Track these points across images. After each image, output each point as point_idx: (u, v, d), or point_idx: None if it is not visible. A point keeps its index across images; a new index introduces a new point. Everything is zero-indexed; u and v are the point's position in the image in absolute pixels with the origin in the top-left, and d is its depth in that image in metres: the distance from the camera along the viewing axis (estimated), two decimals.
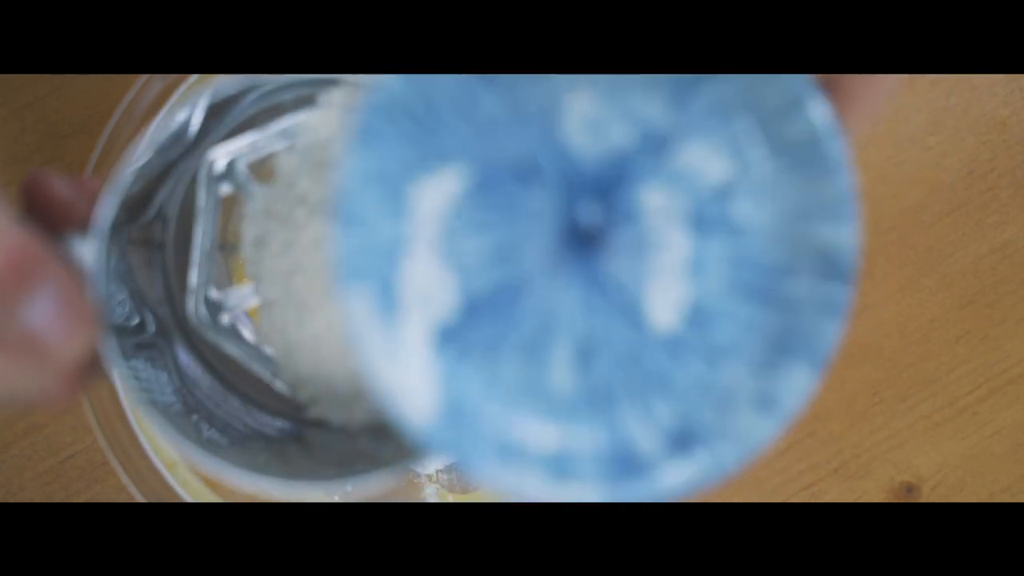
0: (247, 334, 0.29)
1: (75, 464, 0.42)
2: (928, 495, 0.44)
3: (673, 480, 0.21)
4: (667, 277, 0.21)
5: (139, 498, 0.36)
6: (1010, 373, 0.44)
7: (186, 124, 0.26)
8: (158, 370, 0.27)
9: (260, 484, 0.24)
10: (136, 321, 0.27)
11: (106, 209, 0.23)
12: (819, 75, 0.22)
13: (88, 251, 0.23)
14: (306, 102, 0.27)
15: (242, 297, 0.28)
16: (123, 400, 0.36)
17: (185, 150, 0.27)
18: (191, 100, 0.25)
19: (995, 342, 0.44)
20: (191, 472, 0.37)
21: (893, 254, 0.44)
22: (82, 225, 0.23)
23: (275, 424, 0.29)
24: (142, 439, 0.36)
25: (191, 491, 0.37)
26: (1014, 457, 0.44)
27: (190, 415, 0.27)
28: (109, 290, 0.24)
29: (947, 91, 0.44)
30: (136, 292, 0.27)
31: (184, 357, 0.29)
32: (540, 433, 0.21)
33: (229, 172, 0.27)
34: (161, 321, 0.28)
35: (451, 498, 0.40)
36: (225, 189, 0.28)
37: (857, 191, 0.22)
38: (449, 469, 0.42)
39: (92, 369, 0.23)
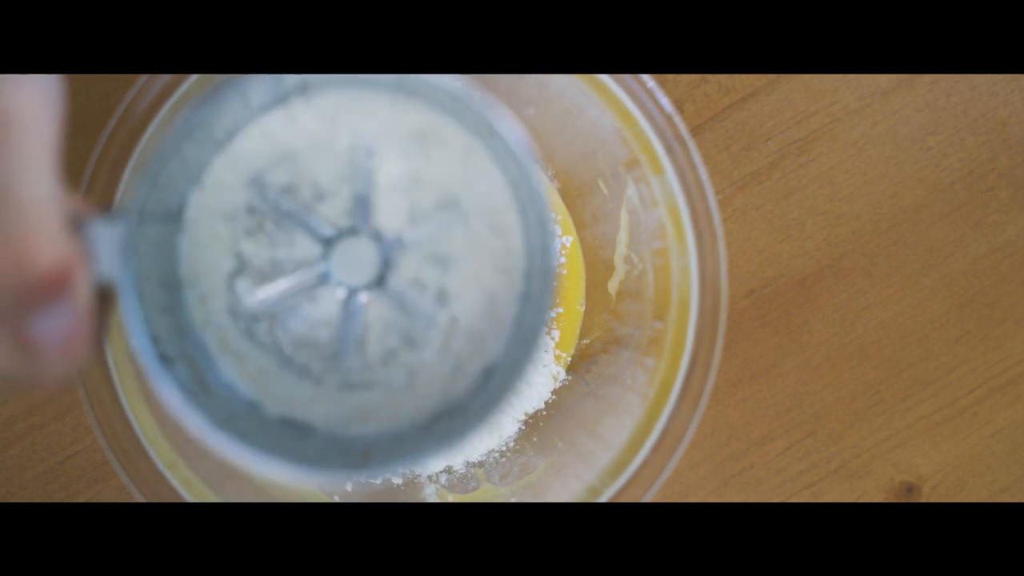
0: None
1: (75, 464, 0.42)
2: (928, 495, 0.44)
3: None
4: None
5: (139, 498, 0.36)
6: (1010, 373, 0.44)
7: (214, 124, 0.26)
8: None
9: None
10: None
11: (134, 193, 0.25)
12: None
13: (107, 235, 0.24)
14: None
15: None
16: (123, 400, 0.36)
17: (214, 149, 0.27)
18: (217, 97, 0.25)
19: (995, 342, 0.44)
20: (192, 472, 0.36)
21: (893, 254, 0.44)
22: (103, 209, 0.24)
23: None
24: (142, 439, 0.36)
25: (192, 491, 0.37)
26: (1014, 457, 0.44)
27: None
28: (137, 272, 0.25)
29: (947, 91, 0.44)
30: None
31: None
32: None
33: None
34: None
35: (451, 498, 0.40)
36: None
37: None
38: (449, 469, 0.42)
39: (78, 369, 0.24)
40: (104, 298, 0.24)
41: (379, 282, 0.28)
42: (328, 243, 0.27)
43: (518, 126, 0.26)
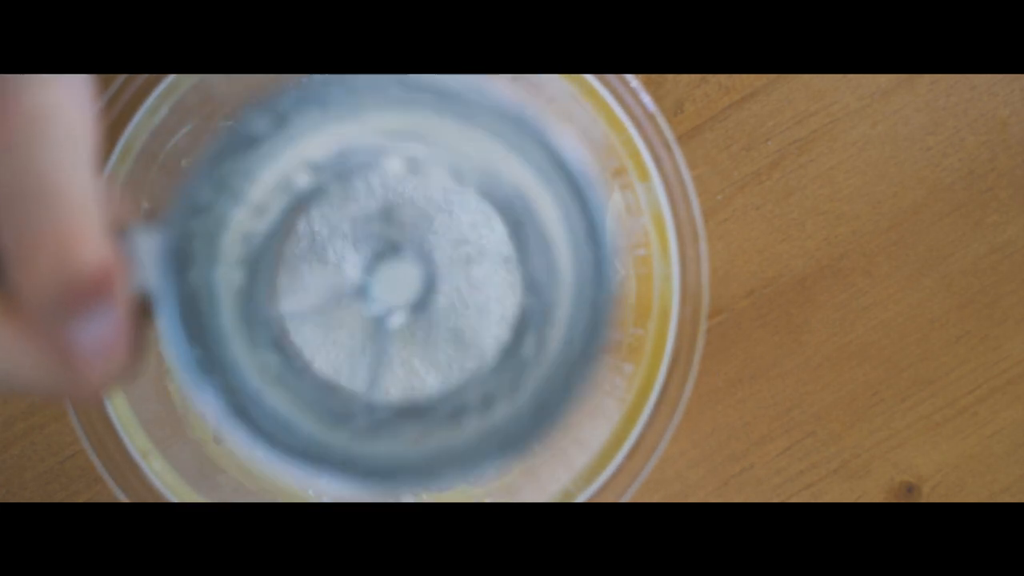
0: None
1: (75, 464, 0.42)
2: (928, 495, 0.44)
3: None
4: None
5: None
6: (1010, 373, 0.44)
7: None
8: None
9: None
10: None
11: (178, 203, 0.23)
12: None
13: (150, 244, 0.23)
14: None
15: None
16: (111, 414, 0.36)
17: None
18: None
19: (995, 342, 0.44)
20: (180, 480, 0.36)
21: (893, 254, 0.44)
22: (145, 218, 0.23)
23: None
24: (133, 452, 0.36)
25: (176, 493, 0.37)
26: (1014, 457, 0.44)
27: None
28: (180, 281, 0.24)
29: (947, 91, 0.44)
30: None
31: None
32: None
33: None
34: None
35: (425, 497, 0.40)
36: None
37: None
38: None
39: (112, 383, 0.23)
40: (144, 310, 0.23)
41: (418, 306, 0.27)
42: (375, 258, 0.27)
43: (581, 150, 0.25)
